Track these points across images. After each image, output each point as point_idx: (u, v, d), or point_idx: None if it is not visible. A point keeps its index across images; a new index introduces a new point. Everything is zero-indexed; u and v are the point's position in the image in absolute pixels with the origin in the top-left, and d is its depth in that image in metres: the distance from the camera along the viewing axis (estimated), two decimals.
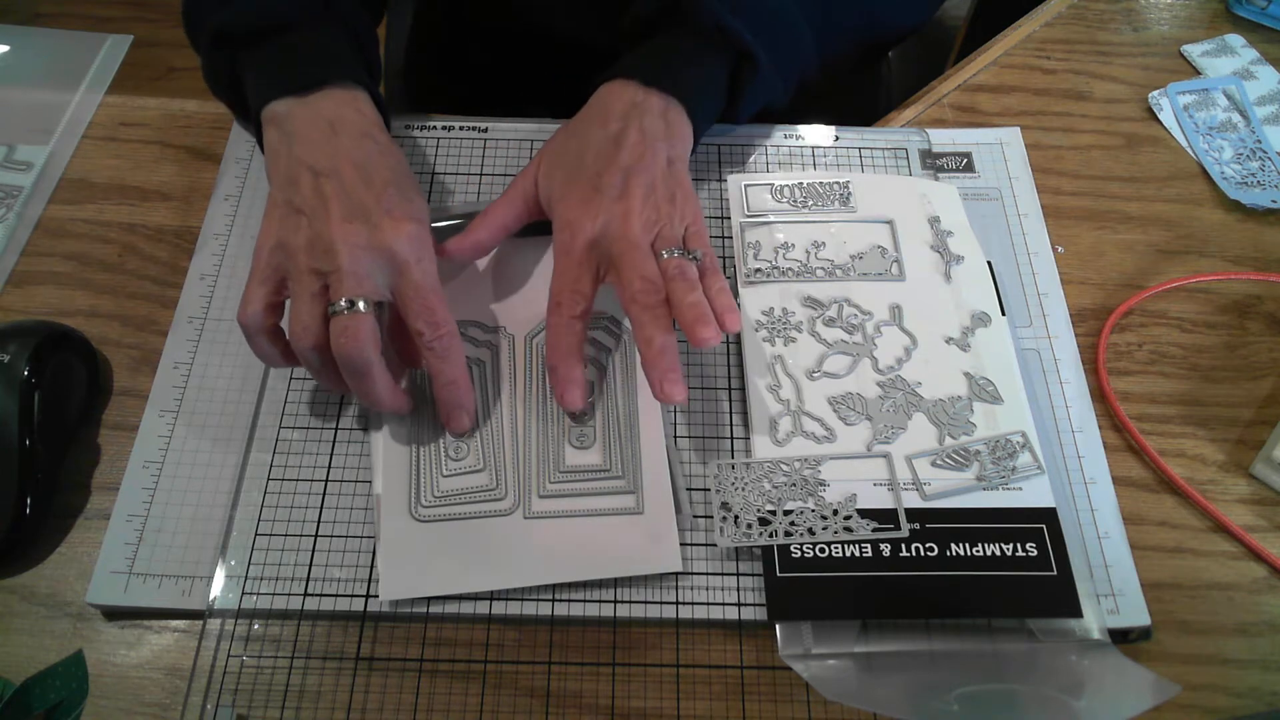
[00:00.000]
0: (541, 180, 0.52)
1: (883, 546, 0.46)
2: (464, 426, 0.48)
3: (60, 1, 1.83)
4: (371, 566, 0.46)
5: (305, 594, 0.45)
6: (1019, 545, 0.46)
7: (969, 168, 0.61)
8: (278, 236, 0.46)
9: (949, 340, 0.52)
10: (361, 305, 0.44)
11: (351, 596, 0.45)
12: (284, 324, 0.47)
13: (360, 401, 0.48)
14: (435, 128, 0.62)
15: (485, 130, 0.62)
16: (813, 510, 0.47)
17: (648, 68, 0.52)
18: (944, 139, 0.62)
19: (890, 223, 0.57)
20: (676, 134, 0.52)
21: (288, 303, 0.46)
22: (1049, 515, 0.47)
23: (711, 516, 0.47)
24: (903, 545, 0.46)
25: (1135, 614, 0.45)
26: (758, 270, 0.55)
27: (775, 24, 0.55)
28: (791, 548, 0.45)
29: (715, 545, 0.46)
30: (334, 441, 0.49)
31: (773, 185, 0.59)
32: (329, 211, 0.45)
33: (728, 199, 0.59)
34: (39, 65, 0.67)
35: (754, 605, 0.45)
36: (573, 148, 0.51)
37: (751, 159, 0.61)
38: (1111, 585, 0.46)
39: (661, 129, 0.51)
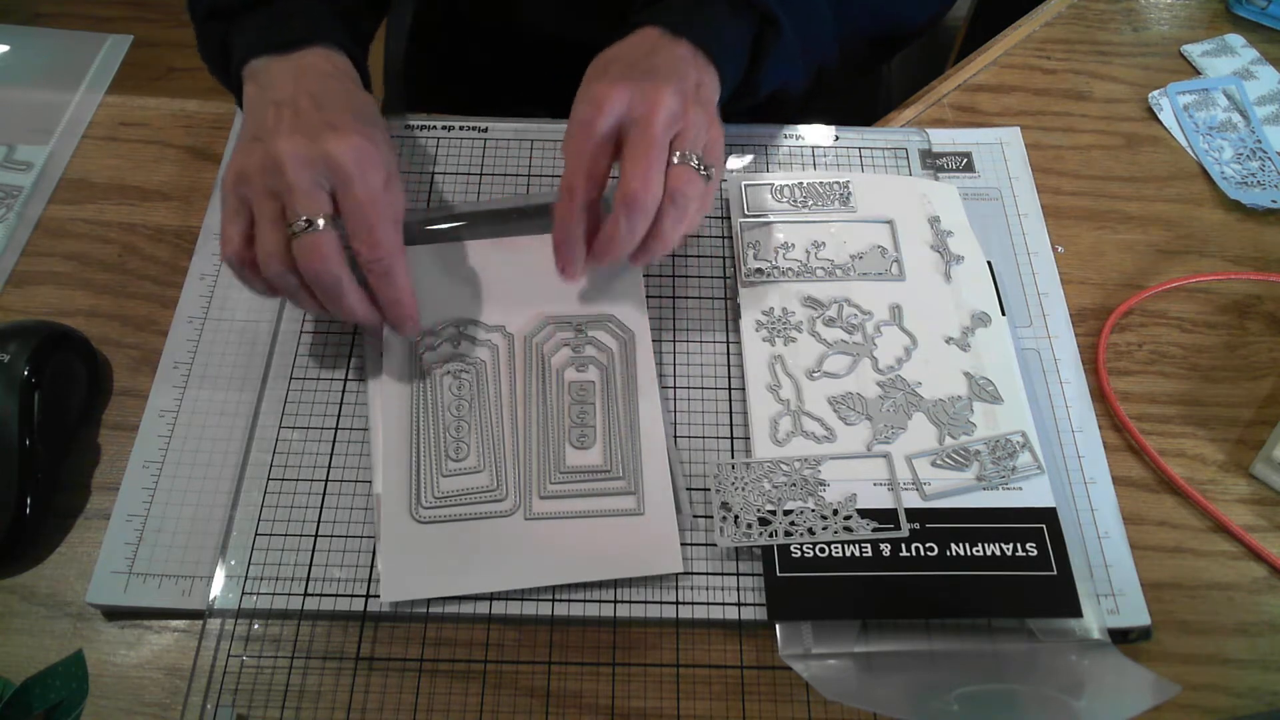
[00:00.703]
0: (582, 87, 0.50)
1: (883, 546, 0.46)
2: (412, 332, 0.50)
3: (60, 1, 1.83)
4: (371, 566, 0.46)
5: (305, 594, 0.45)
6: (1019, 545, 0.46)
7: (969, 168, 0.61)
8: (237, 165, 0.46)
9: (949, 340, 0.52)
10: (321, 222, 0.44)
11: (351, 596, 0.45)
12: None
13: (339, 318, 0.48)
14: (435, 128, 0.62)
15: (485, 130, 0.62)
16: (813, 510, 0.47)
17: (675, 20, 0.51)
18: (944, 139, 0.62)
19: (890, 223, 0.57)
20: (704, 71, 0.51)
21: None
22: (1049, 515, 0.47)
23: (711, 516, 0.47)
24: (903, 545, 0.46)
25: (1135, 614, 0.45)
26: (758, 270, 0.55)
27: None
28: (791, 548, 0.45)
29: (715, 545, 0.46)
30: (334, 441, 0.49)
31: (773, 185, 0.59)
32: (278, 131, 0.46)
33: (728, 199, 0.59)
34: (39, 65, 0.67)
35: (754, 605, 0.45)
36: (605, 59, 0.51)
37: (751, 159, 0.61)
38: (1111, 585, 0.46)
39: (690, 59, 0.50)
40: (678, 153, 0.47)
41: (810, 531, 0.46)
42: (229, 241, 0.46)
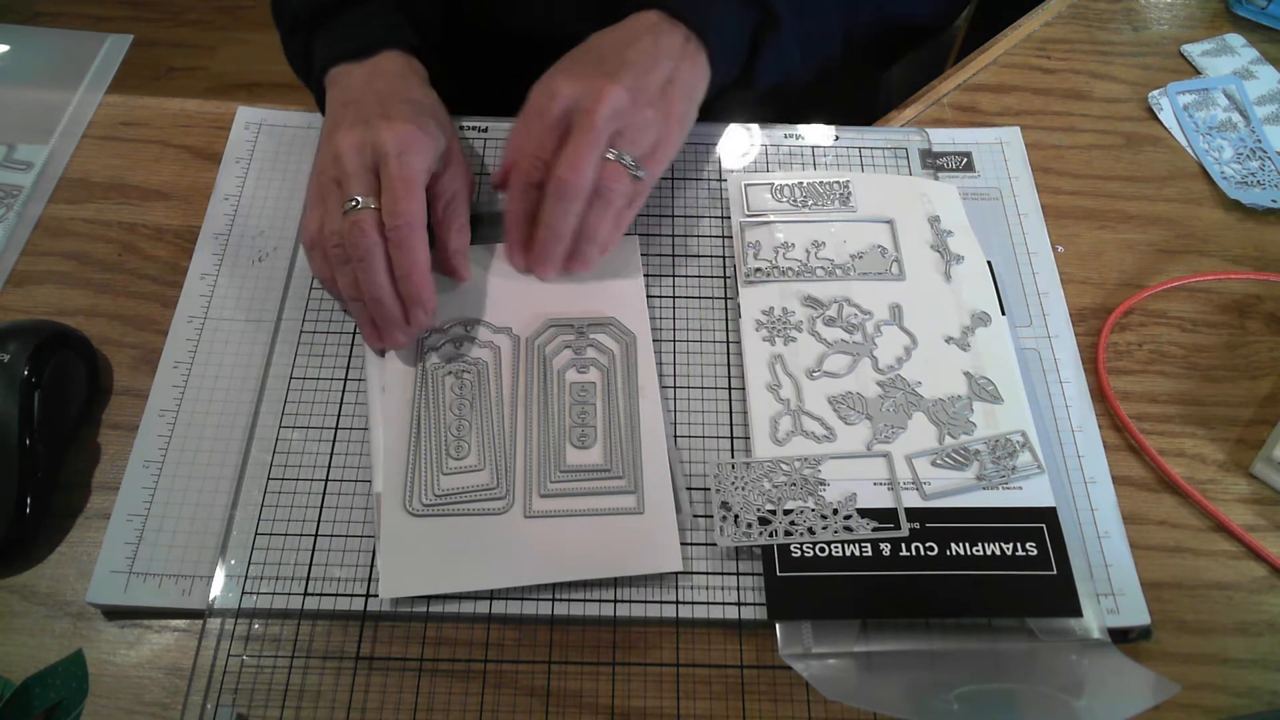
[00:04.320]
0: (545, 81, 0.53)
1: (883, 546, 0.46)
2: (421, 324, 0.49)
3: (60, 1, 1.83)
4: (371, 566, 0.46)
5: (305, 593, 0.45)
6: (1019, 545, 0.46)
7: (969, 167, 0.61)
8: (316, 162, 0.51)
9: (949, 340, 0.52)
10: (366, 200, 0.47)
11: (351, 596, 0.45)
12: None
13: (371, 306, 0.48)
14: None
15: (485, 130, 0.62)
16: (813, 510, 0.47)
17: (676, 4, 0.53)
18: (944, 139, 0.62)
19: (890, 222, 0.57)
20: (688, 60, 0.53)
21: None
22: (1049, 515, 0.47)
23: (711, 516, 0.47)
24: (903, 545, 0.46)
25: (1135, 613, 0.45)
26: (758, 270, 0.55)
27: None
28: (791, 547, 0.45)
29: (715, 545, 0.46)
30: (334, 441, 0.49)
31: (773, 185, 0.59)
32: (342, 125, 0.50)
33: (728, 199, 0.59)
34: (39, 65, 0.67)
35: (754, 605, 0.45)
36: (582, 48, 0.54)
37: (751, 159, 0.61)
38: (1111, 585, 0.46)
39: (677, 49, 0.53)
40: (613, 151, 0.50)
41: (810, 531, 0.46)
42: (305, 227, 0.51)
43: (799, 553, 0.45)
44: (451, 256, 0.52)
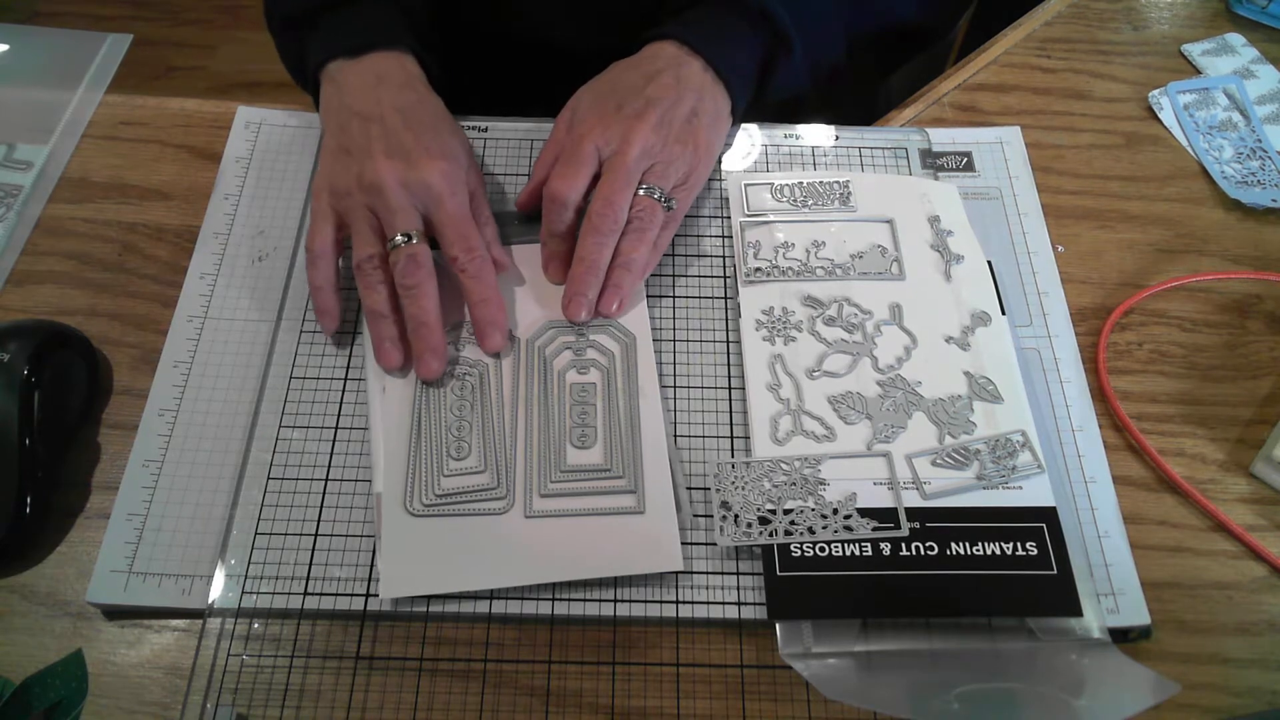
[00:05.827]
0: (571, 110, 0.55)
1: (883, 545, 0.46)
2: (497, 345, 0.51)
3: (60, 0, 1.83)
4: (371, 566, 0.46)
5: (305, 593, 0.45)
6: (1019, 544, 0.46)
7: (969, 167, 0.61)
8: (330, 179, 0.52)
9: (949, 339, 0.52)
10: (415, 237, 0.49)
11: (351, 596, 0.45)
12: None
13: (417, 330, 0.49)
14: None
15: (485, 130, 0.62)
16: (813, 509, 0.47)
17: (693, 36, 0.55)
18: (944, 138, 0.62)
19: (890, 222, 0.57)
20: (709, 93, 0.55)
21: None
22: (1049, 514, 0.47)
23: (711, 516, 0.47)
24: (903, 544, 0.46)
25: (1135, 613, 0.45)
26: (758, 269, 0.55)
27: (810, 12, 0.57)
28: (791, 547, 0.45)
29: (715, 544, 0.46)
30: (334, 440, 0.49)
31: (773, 185, 0.59)
32: (373, 151, 0.50)
33: (728, 199, 0.59)
34: (39, 64, 0.67)
35: (754, 604, 0.45)
36: (605, 82, 0.55)
37: (751, 159, 0.61)
38: (1111, 584, 0.46)
39: (697, 82, 0.54)
40: (644, 185, 0.52)
41: (810, 530, 0.46)
42: (318, 234, 0.51)
43: (799, 552, 0.45)
44: (489, 247, 0.53)
